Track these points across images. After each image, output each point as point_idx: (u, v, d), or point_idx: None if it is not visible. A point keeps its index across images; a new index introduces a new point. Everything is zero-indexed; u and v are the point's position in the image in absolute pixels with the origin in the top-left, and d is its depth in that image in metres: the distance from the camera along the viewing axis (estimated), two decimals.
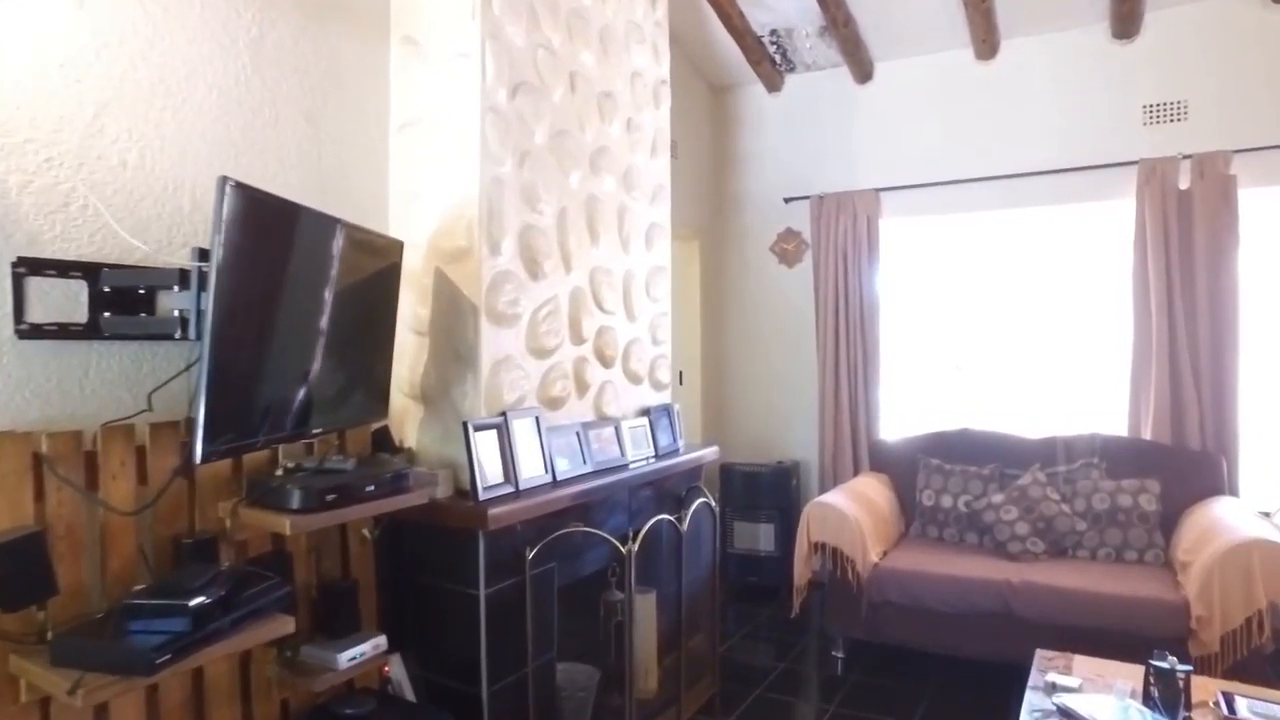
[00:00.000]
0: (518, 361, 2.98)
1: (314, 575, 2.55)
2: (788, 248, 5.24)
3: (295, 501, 2.11)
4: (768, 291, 5.32)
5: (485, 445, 2.78)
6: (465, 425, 2.70)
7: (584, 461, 3.25)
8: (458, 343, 2.86)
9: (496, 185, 2.88)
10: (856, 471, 4.90)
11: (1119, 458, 3.99)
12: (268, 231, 2.01)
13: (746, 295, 5.39)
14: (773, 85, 5.26)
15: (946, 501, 4.20)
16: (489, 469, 2.77)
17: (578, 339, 3.32)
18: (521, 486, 2.86)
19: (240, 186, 1.83)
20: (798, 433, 5.23)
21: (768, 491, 4.92)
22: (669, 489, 3.76)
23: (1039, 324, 4.71)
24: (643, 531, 3.12)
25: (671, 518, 3.44)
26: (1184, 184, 4.09)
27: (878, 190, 4.89)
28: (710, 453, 4.07)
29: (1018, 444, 4.25)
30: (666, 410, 3.94)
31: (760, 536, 4.95)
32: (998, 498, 4.02)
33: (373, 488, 2.33)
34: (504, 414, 2.87)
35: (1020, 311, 4.76)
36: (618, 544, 2.98)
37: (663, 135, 4.01)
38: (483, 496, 2.68)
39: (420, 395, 2.95)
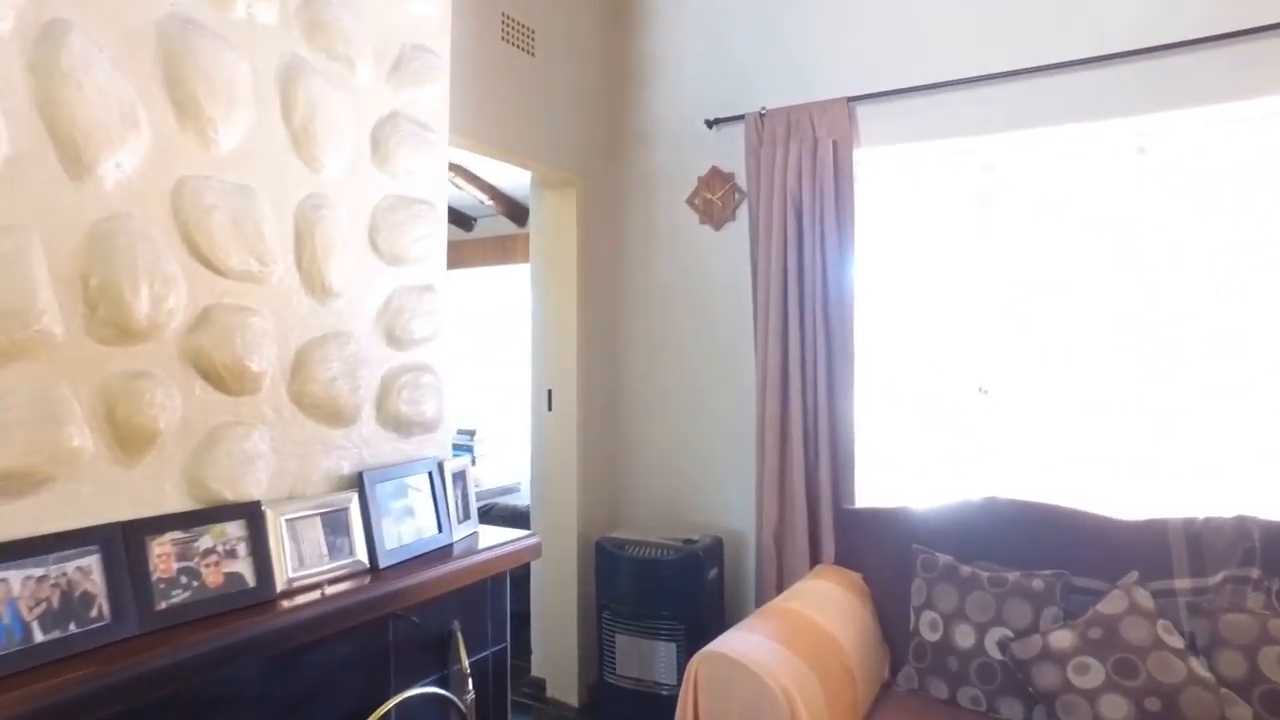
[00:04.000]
0: None
1: None
2: (713, 198, 3.36)
3: None
4: (684, 266, 3.43)
5: None
6: None
7: (103, 615, 1.40)
8: None
9: None
10: (815, 559, 3.00)
11: None
12: None
13: (652, 272, 3.51)
14: None
15: (964, 636, 2.30)
16: None
17: (115, 331, 1.46)
18: None
19: None
20: (727, 492, 3.33)
21: (671, 588, 3.03)
22: (412, 637, 1.90)
23: (1122, 323, 2.80)
24: None
25: None
26: None
27: (850, 100, 3.01)
28: (510, 550, 2.19)
29: (1098, 531, 2.34)
30: (430, 473, 2.07)
31: (657, 661, 3.05)
32: (1062, 637, 2.12)
33: None
34: None
35: (1089, 302, 2.85)
36: None
37: None
38: None
39: None
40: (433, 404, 2.11)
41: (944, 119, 2.90)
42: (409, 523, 1.99)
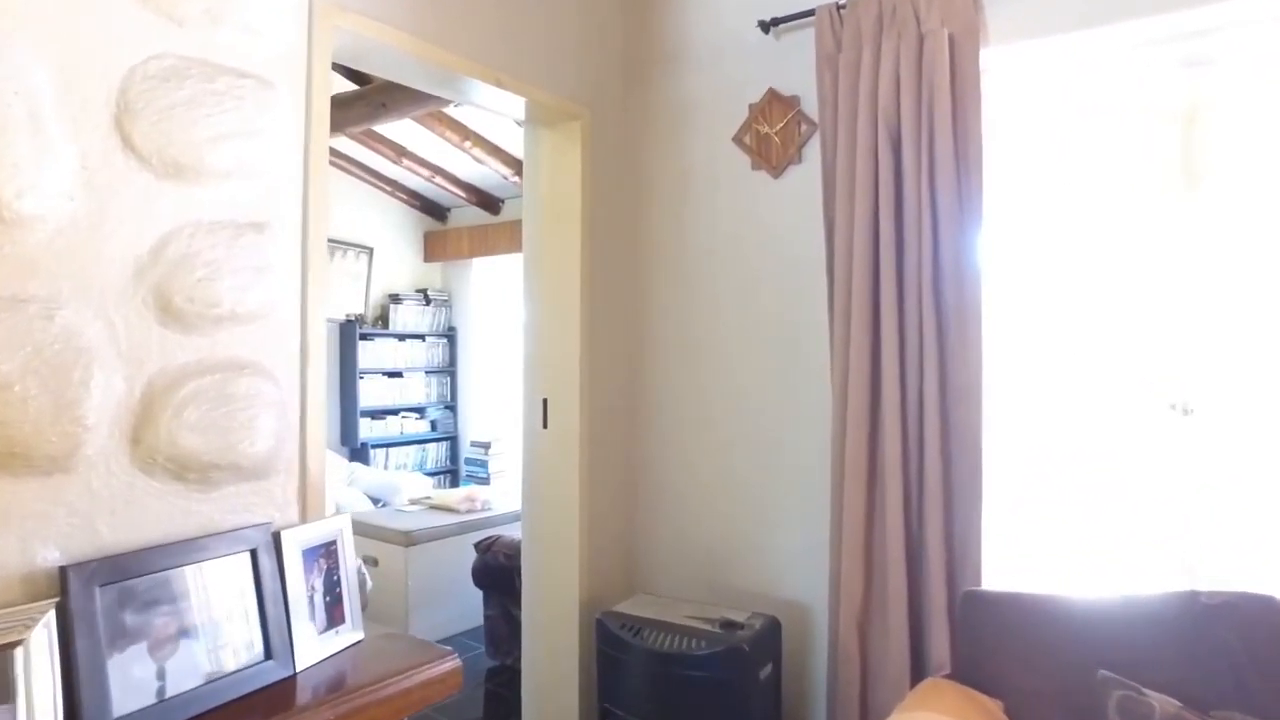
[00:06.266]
0: None
1: None
2: (770, 133, 2.39)
3: None
4: (730, 228, 2.48)
5: None
6: None
7: None
8: None
9: None
10: (919, 664, 2.00)
11: None
12: None
13: (685, 237, 2.55)
14: None
15: None
16: None
17: None
18: None
19: None
20: (788, 550, 2.36)
21: (704, 694, 2.07)
22: None
23: None
24: None
25: None
26: None
27: None
28: (405, 685, 1.26)
29: None
30: (253, 551, 1.16)
31: None
32: None
33: None
34: None
35: None
36: None
37: None
38: None
39: None
40: (262, 430, 1.21)
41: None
42: (190, 650, 1.08)
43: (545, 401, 2.53)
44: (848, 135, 2.16)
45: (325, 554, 1.32)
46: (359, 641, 1.35)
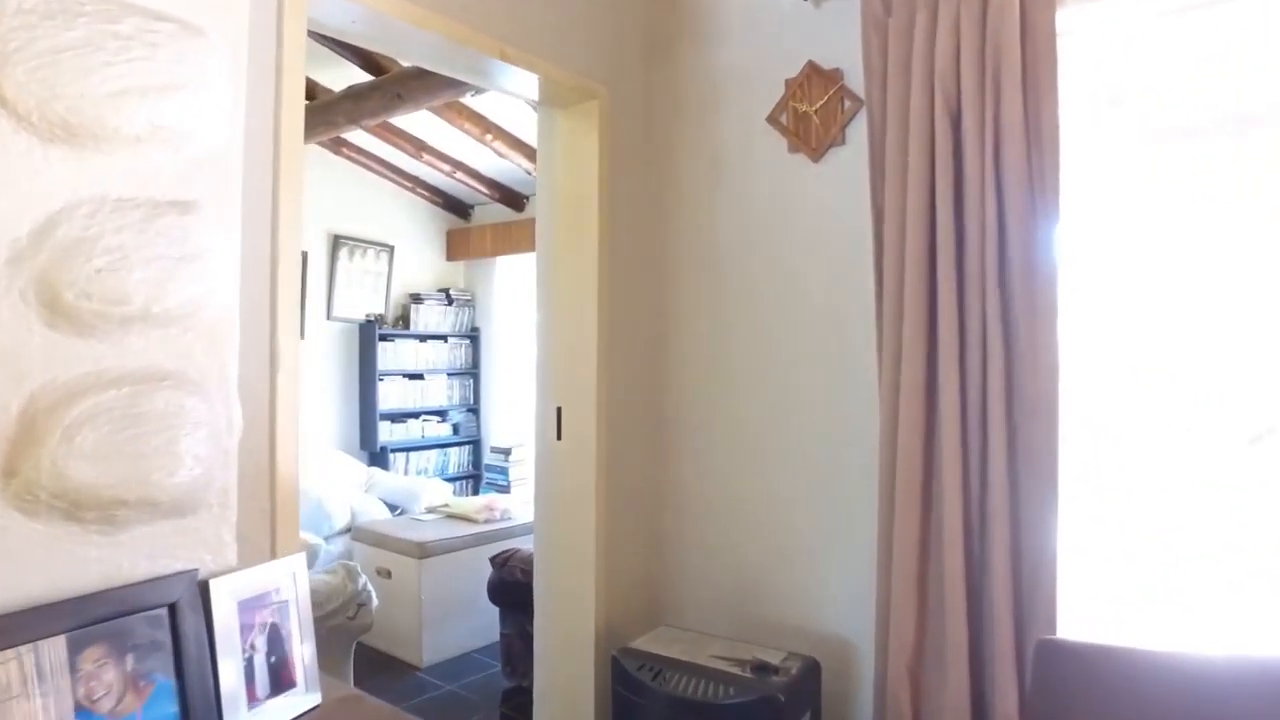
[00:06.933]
0: None
1: None
2: (810, 111, 2.13)
3: None
4: (764, 219, 2.22)
5: None
6: None
7: None
8: None
9: None
10: (981, 717, 1.73)
11: None
12: None
13: (714, 230, 2.30)
14: None
15: None
16: None
17: None
18: None
19: None
20: (831, 581, 2.09)
21: None
22: None
23: None
24: None
25: None
26: None
27: None
28: None
29: None
30: (173, 605, 0.92)
31: None
32: None
33: None
34: None
35: None
36: None
37: None
38: None
39: None
40: (185, 455, 0.98)
41: None
42: None
43: (559, 410, 2.30)
44: (899, 111, 1.89)
45: (272, 604, 1.09)
46: (314, 708, 1.12)
